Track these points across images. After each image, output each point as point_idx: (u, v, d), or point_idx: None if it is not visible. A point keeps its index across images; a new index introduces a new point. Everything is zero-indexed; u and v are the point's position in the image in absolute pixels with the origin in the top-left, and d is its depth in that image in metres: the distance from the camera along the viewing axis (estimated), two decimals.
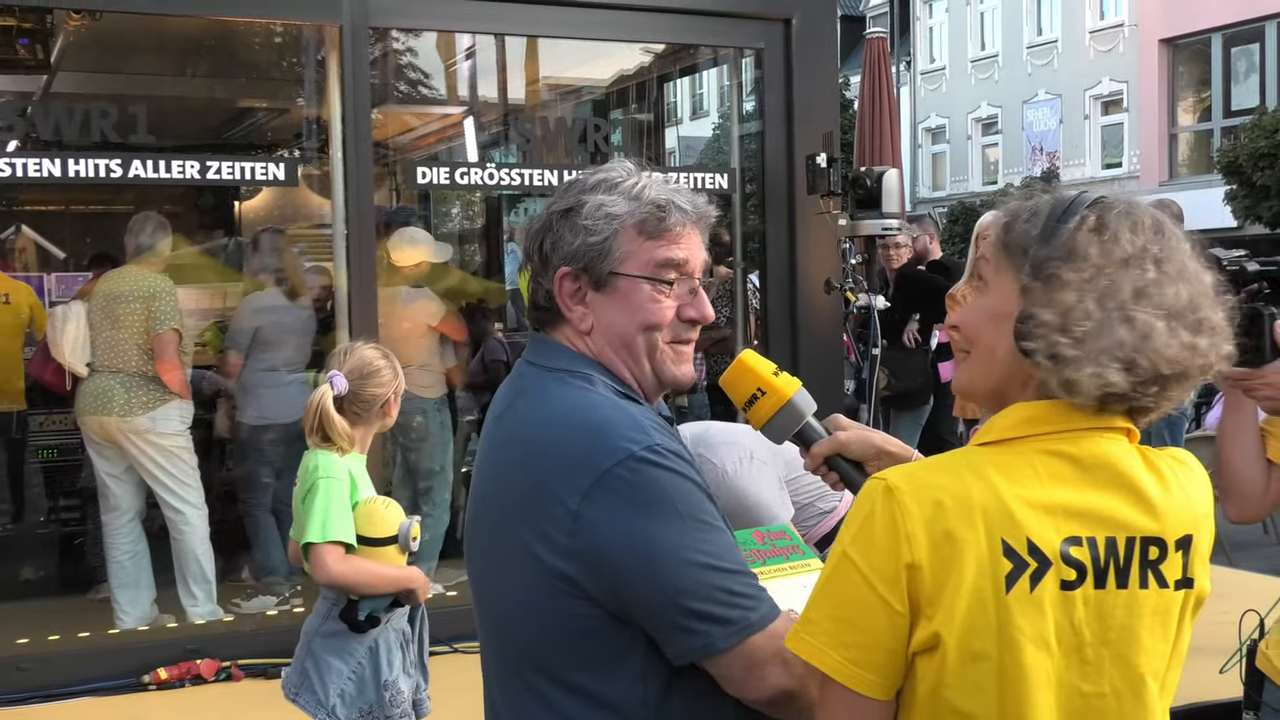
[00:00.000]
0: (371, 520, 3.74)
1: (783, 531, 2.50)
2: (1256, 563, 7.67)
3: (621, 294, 2.05)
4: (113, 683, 5.65)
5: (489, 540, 2.07)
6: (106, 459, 6.49)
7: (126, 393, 6.37)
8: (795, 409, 2.18)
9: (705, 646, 1.89)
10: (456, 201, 12.52)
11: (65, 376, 6.52)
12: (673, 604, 1.88)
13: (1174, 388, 1.71)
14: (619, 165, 2.13)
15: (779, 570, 2.38)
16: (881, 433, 2.25)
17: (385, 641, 3.72)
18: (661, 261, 2.05)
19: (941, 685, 1.67)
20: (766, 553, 2.42)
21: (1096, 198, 1.77)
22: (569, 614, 1.93)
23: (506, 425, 2.08)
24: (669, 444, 1.96)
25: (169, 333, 6.41)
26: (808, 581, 2.30)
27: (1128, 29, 30.24)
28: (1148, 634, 1.72)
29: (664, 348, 2.08)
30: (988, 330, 1.79)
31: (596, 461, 1.90)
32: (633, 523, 1.89)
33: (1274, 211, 21.69)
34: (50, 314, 6.73)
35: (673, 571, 1.88)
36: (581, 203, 2.06)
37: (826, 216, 6.82)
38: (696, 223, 2.10)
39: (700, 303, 2.11)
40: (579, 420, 1.97)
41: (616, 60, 9.30)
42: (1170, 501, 1.74)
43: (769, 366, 2.21)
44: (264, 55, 9.28)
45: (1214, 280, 1.76)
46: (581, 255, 2.04)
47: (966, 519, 1.65)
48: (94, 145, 5.89)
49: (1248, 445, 2.92)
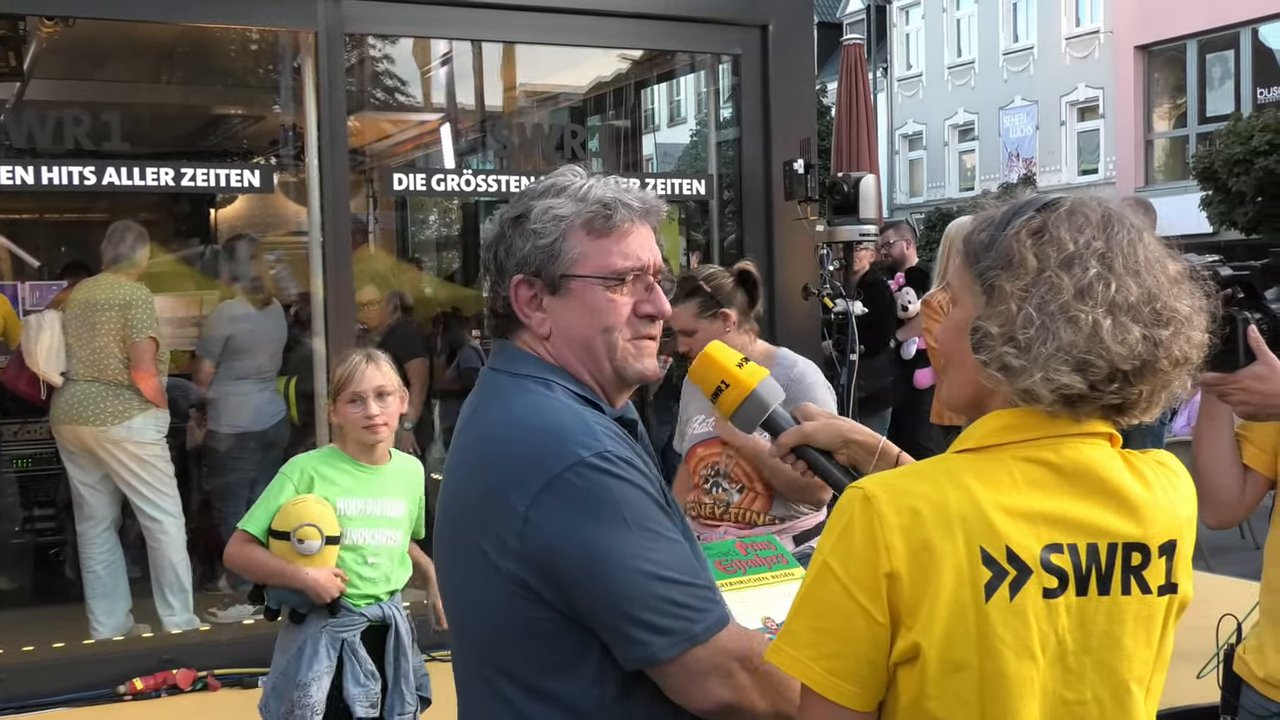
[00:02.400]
0: (285, 516, 3.84)
1: (767, 541, 2.50)
2: (1234, 567, 7.68)
3: (576, 296, 2.06)
4: (88, 693, 5.62)
5: (451, 545, 2.08)
6: (81, 468, 6.44)
7: (102, 402, 6.32)
8: (760, 399, 2.19)
9: (647, 656, 1.89)
10: (434, 209, 12.49)
11: (40, 386, 6.45)
12: (616, 611, 1.89)
13: (1141, 382, 1.69)
14: (568, 171, 2.14)
15: (760, 579, 2.37)
16: (849, 421, 2.26)
17: (314, 644, 3.81)
18: (612, 259, 2.06)
19: (923, 696, 1.66)
20: (749, 562, 2.41)
21: (1049, 200, 1.75)
22: (525, 617, 1.93)
23: (469, 431, 2.09)
24: (620, 451, 1.95)
25: (146, 341, 6.37)
26: (789, 590, 2.30)
27: (1103, 35, 30.40)
28: (1130, 640, 1.72)
29: (625, 345, 2.08)
30: (958, 344, 1.78)
31: (547, 466, 1.91)
32: (579, 528, 1.89)
33: (1249, 217, 21.81)
34: (24, 323, 6.67)
35: (616, 578, 1.88)
36: (530, 208, 2.07)
37: (804, 223, 6.82)
38: (645, 218, 2.10)
39: (656, 297, 2.11)
40: (532, 425, 1.98)
41: (594, 67, 9.29)
42: (1154, 506, 1.74)
43: (734, 357, 2.22)
44: (239, 62, 9.24)
45: (1180, 269, 1.75)
46: (533, 260, 2.05)
47: (944, 528, 1.64)
48: (68, 153, 5.85)
49: (1223, 450, 2.92)
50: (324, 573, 3.82)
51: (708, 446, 4.23)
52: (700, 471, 4.23)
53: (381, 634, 3.95)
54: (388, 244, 10.43)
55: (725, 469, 4.17)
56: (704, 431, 4.26)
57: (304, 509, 3.84)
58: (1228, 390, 2.68)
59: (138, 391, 6.36)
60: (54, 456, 6.92)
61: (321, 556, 3.81)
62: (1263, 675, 2.91)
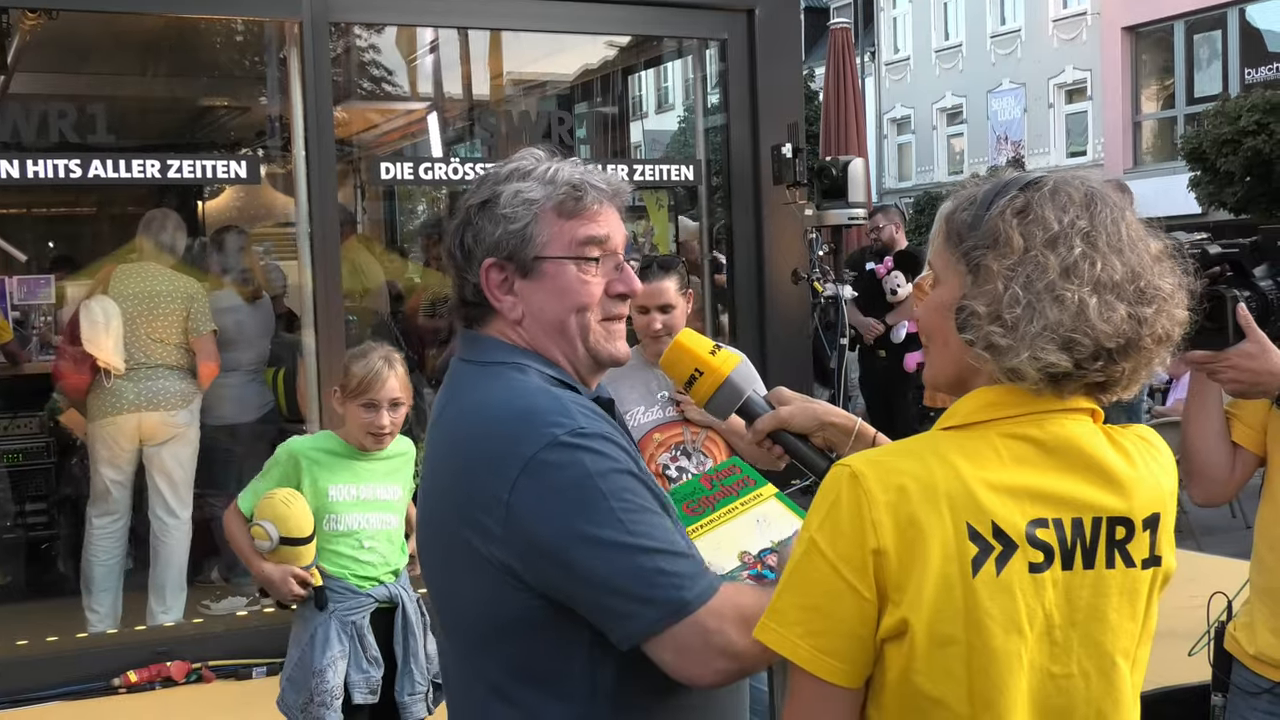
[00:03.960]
0: (259, 506, 3.90)
1: (731, 466, 2.47)
2: (1225, 546, 7.71)
3: (549, 278, 2.06)
4: (82, 686, 5.61)
5: (436, 539, 2.07)
6: (116, 465, 6.42)
7: (169, 388, 6.41)
8: (733, 386, 2.19)
9: (639, 630, 1.87)
10: (422, 198, 12.47)
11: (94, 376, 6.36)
12: (603, 587, 1.87)
13: (1125, 360, 1.70)
14: (529, 154, 2.14)
15: (730, 510, 2.35)
16: (824, 404, 2.24)
17: (325, 631, 3.86)
18: (583, 239, 2.06)
19: (911, 671, 1.66)
20: (716, 495, 2.39)
21: (1032, 179, 1.76)
22: (515, 606, 1.92)
23: (443, 425, 2.09)
24: (596, 427, 1.95)
25: (210, 335, 6.58)
26: (761, 514, 2.29)
27: (1090, 17, 30.42)
28: (1115, 613, 1.72)
29: (596, 327, 2.08)
30: (940, 323, 1.79)
31: (521, 450, 1.90)
32: (559, 509, 1.88)
33: (1238, 197, 21.84)
34: (84, 310, 6.40)
35: (600, 555, 1.87)
36: (498, 193, 2.07)
37: (793, 207, 6.82)
38: (612, 199, 2.11)
39: (626, 277, 2.12)
40: (506, 410, 1.97)
41: (581, 54, 9.29)
42: (1137, 480, 1.74)
43: (706, 345, 2.22)
44: (225, 53, 9.21)
45: (1162, 247, 1.75)
46: (504, 244, 2.05)
47: (931, 503, 1.64)
48: (54, 146, 5.83)
49: (1212, 428, 2.93)
50: (279, 571, 3.84)
51: (664, 430, 4.23)
52: (659, 458, 4.21)
53: (390, 615, 3.98)
54: (375, 234, 10.41)
55: (693, 446, 4.17)
56: (654, 418, 4.25)
57: (269, 505, 3.86)
58: (1217, 368, 2.69)
59: (190, 381, 6.52)
60: (46, 450, 6.91)
61: (293, 554, 3.83)
62: (1254, 652, 2.92)
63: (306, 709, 3.83)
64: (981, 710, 1.66)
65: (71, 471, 7.41)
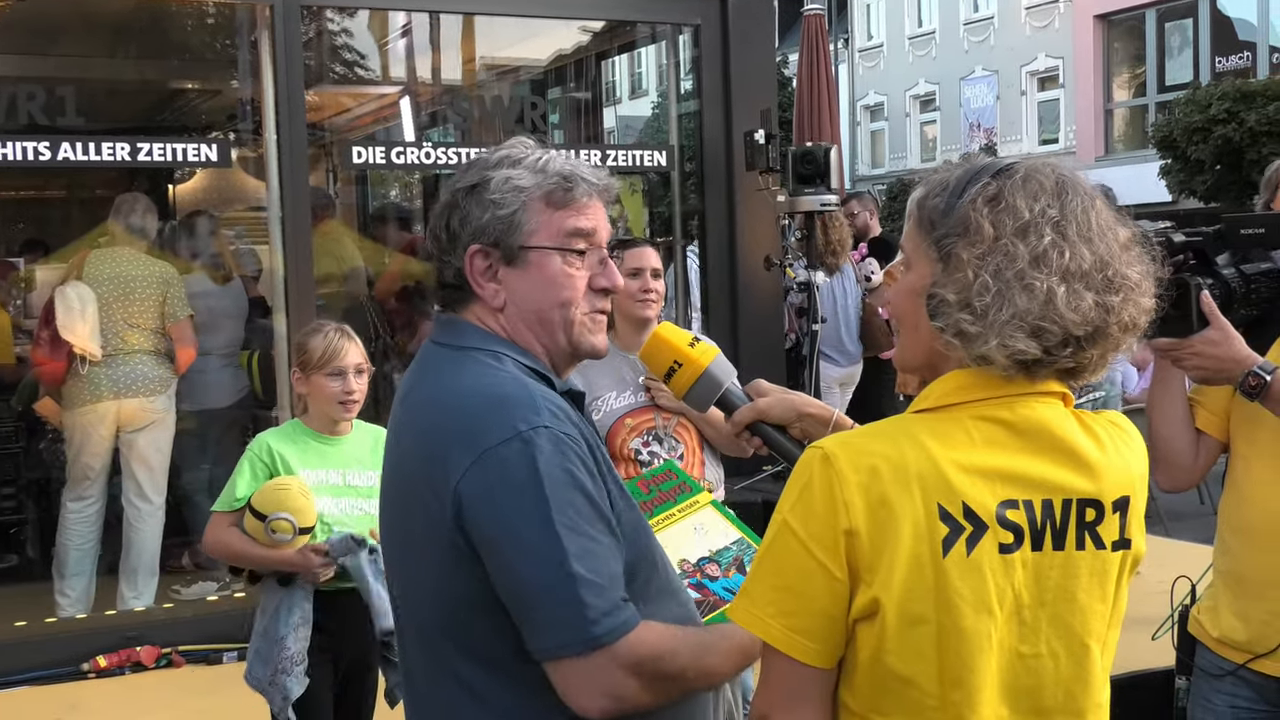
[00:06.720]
0: (264, 498, 3.82)
1: (667, 472, 2.48)
2: (1193, 533, 7.75)
3: (534, 267, 2.05)
4: (52, 671, 5.60)
5: (396, 518, 2.07)
6: (95, 452, 6.38)
7: (146, 373, 6.37)
8: (712, 378, 2.19)
9: (540, 649, 1.88)
10: (395, 183, 12.42)
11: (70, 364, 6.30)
12: (524, 596, 1.87)
13: (1093, 347, 1.72)
14: (520, 142, 2.13)
15: (668, 517, 2.36)
16: (801, 394, 2.25)
17: (289, 600, 3.83)
18: (570, 231, 2.05)
19: (882, 651, 1.68)
20: (653, 501, 2.40)
21: (1004, 166, 1.77)
22: (470, 587, 1.91)
23: (409, 406, 2.08)
24: (562, 428, 1.93)
25: (187, 320, 6.53)
26: (698, 522, 2.30)
27: (1063, 5, 30.50)
28: (1085, 595, 1.74)
29: (581, 319, 2.08)
30: (911, 308, 1.80)
31: (482, 439, 1.89)
32: (501, 507, 1.88)
33: (1208, 185, 21.96)
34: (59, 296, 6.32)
35: (527, 565, 1.86)
36: (487, 179, 2.05)
37: (765, 193, 6.83)
38: (600, 194, 2.10)
39: (610, 272, 2.11)
40: (476, 394, 1.96)
41: (554, 39, 9.26)
42: (1107, 463, 1.76)
43: (685, 337, 2.22)
44: (196, 36, 9.16)
45: (1130, 235, 1.77)
46: (491, 230, 2.03)
47: (902, 484, 1.66)
48: (22, 129, 5.79)
49: (1177, 415, 2.95)
50: (299, 555, 3.83)
51: (636, 415, 4.24)
52: (631, 443, 4.21)
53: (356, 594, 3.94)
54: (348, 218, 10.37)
55: (665, 431, 4.19)
56: (626, 404, 4.26)
57: (285, 497, 3.80)
58: (1181, 355, 2.70)
59: (167, 366, 6.48)
60: (12, 436, 6.85)
61: (299, 542, 3.82)
62: (1217, 635, 2.95)
63: (274, 680, 3.81)
64: (951, 689, 1.67)
65: (41, 456, 7.36)
